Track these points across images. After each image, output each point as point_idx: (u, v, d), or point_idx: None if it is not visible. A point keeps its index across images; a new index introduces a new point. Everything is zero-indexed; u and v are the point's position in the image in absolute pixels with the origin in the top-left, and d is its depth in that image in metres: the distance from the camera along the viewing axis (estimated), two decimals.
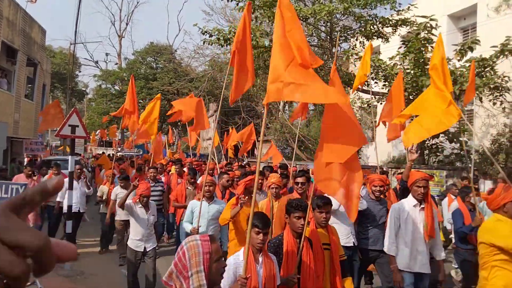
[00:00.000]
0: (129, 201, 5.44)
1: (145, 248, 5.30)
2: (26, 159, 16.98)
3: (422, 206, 4.15)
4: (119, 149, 19.47)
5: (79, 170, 7.71)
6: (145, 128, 10.07)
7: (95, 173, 13.72)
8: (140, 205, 5.35)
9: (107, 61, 52.55)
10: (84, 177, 8.24)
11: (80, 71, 47.85)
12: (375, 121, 9.11)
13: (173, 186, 8.25)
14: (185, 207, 6.06)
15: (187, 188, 6.96)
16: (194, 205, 5.13)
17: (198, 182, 7.30)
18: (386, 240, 4.30)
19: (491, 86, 10.85)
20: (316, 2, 13.66)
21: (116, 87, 38.81)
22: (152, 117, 9.94)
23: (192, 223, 5.02)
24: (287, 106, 25.52)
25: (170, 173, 9.79)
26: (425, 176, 4.18)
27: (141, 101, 33.48)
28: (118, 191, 6.99)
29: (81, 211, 7.79)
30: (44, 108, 12.38)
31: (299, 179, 4.96)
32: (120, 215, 6.89)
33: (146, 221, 5.32)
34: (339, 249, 3.68)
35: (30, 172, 7.53)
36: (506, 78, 11.26)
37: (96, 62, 47.96)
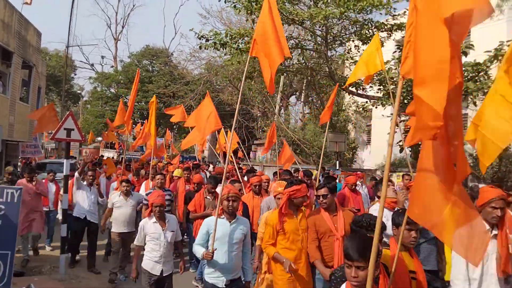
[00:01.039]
0: (142, 223, 4.66)
1: (162, 271, 4.44)
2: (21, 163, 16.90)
3: (494, 232, 3.33)
4: (120, 151, 19.36)
5: (91, 177, 7.19)
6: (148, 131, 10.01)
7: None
8: (154, 220, 4.50)
9: (102, 64, 52.45)
10: (97, 184, 7.76)
11: (75, 74, 47.81)
12: (370, 125, 9.09)
13: (180, 194, 7.73)
14: (204, 217, 5.17)
15: (206, 197, 6.23)
16: (212, 224, 3.87)
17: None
18: (455, 275, 3.40)
19: (485, 90, 10.96)
20: (312, 5, 13.71)
21: (112, 90, 38.81)
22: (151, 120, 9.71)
23: (207, 247, 3.87)
24: (282, 110, 25.56)
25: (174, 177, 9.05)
26: (502, 195, 3.34)
27: (137, 103, 33.50)
28: (115, 199, 6.60)
29: (91, 221, 7.06)
30: (36, 111, 12.30)
31: (321, 191, 4.06)
32: (117, 226, 6.49)
33: (163, 239, 4.47)
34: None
35: (28, 178, 7.39)
36: None
37: (92, 65, 47.88)
